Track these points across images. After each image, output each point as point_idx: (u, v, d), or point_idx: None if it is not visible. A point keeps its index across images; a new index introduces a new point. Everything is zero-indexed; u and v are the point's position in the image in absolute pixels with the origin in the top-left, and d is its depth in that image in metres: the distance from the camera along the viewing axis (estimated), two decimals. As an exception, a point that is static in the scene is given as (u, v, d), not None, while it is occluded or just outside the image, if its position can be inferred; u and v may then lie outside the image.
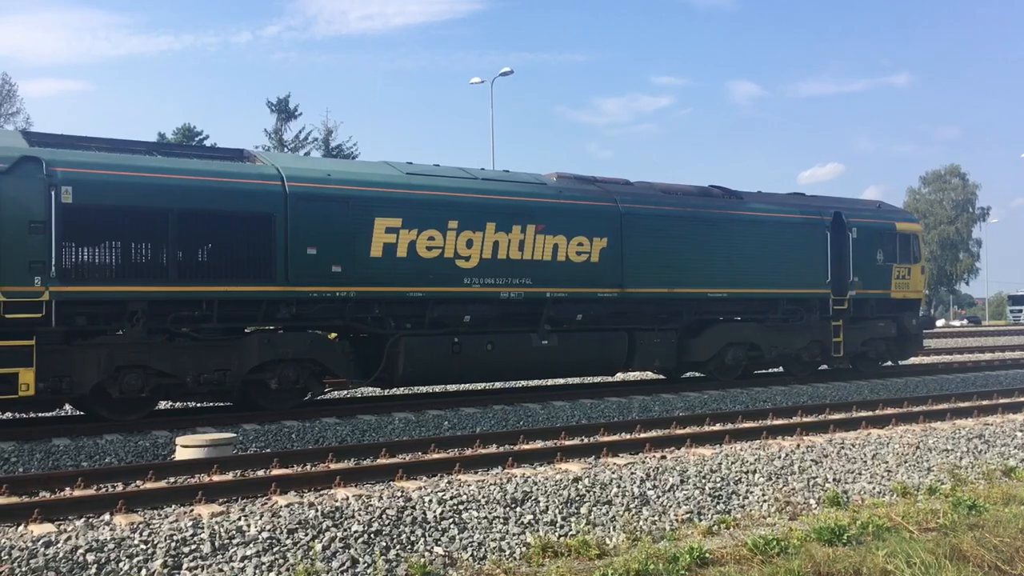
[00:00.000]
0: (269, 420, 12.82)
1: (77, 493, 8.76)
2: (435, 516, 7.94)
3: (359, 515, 7.75)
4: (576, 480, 9.08)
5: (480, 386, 17.81)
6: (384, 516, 7.79)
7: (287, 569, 6.87)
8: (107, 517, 7.70)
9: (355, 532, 7.47)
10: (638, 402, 15.37)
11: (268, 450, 11.39)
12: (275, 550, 7.09)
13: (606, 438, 11.91)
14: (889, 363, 21.20)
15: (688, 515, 8.74)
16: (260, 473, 9.60)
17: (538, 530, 7.99)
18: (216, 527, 7.26)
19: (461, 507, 8.19)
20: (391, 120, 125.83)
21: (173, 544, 6.96)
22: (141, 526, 7.25)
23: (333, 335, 14.37)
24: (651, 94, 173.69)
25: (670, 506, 8.89)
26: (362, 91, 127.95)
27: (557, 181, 16.49)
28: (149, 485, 8.97)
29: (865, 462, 10.78)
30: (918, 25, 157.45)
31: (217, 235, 12.71)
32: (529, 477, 9.16)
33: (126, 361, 12.14)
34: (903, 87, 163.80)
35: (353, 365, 14.22)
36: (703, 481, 9.52)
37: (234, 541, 7.11)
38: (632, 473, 9.51)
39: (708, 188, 18.70)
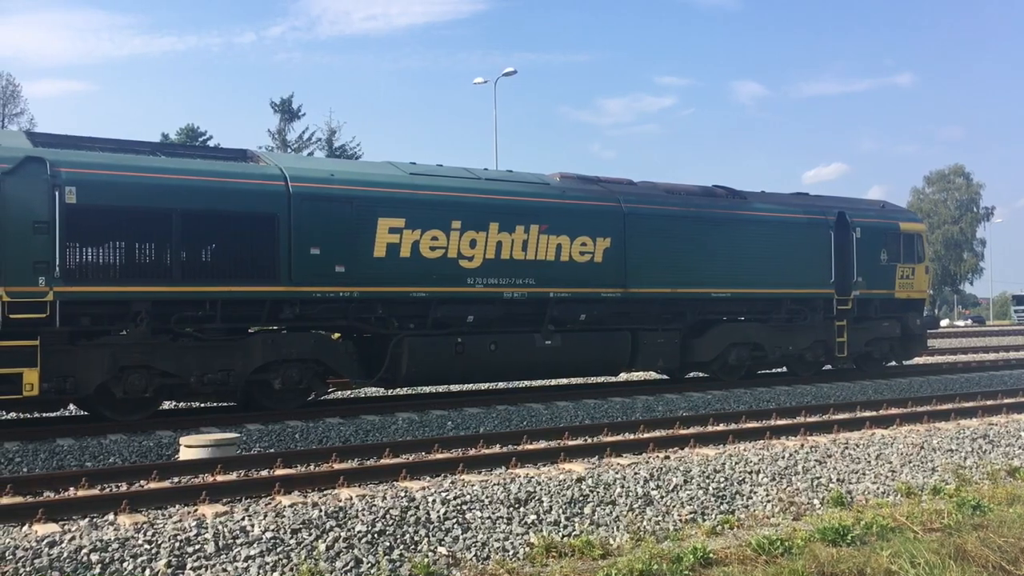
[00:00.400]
0: (273, 420, 12.84)
1: (81, 493, 8.78)
2: (439, 516, 7.94)
3: (363, 515, 7.76)
4: (580, 480, 9.08)
5: (484, 386, 17.81)
6: (388, 516, 7.79)
7: (291, 569, 6.87)
8: (111, 517, 7.72)
9: (359, 532, 7.47)
10: (642, 402, 15.36)
11: (272, 450, 11.40)
12: (279, 550, 7.09)
13: (610, 438, 11.90)
14: (893, 363, 21.18)
15: (692, 515, 8.72)
16: (264, 473, 9.61)
17: (542, 530, 7.99)
18: (220, 527, 7.27)
19: (464, 507, 8.19)
20: (394, 120, 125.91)
21: (177, 544, 6.96)
22: (145, 526, 7.26)
23: (337, 335, 14.37)
24: (654, 94, 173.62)
25: (674, 506, 8.88)
26: (365, 91, 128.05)
27: (560, 181, 16.47)
28: (153, 485, 8.98)
29: (869, 462, 10.76)
30: (921, 25, 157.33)
31: (221, 235, 12.73)
32: (533, 477, 9.16)
33: (130, 361, 12.16)
34: (906, 87, 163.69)
35: (357, 365, 14.23)
36: (707, 481, 9.51)
37: (238, 541, 7.12)
38: (636, 473, 9.51)
39: (712, 188, 18.68)
